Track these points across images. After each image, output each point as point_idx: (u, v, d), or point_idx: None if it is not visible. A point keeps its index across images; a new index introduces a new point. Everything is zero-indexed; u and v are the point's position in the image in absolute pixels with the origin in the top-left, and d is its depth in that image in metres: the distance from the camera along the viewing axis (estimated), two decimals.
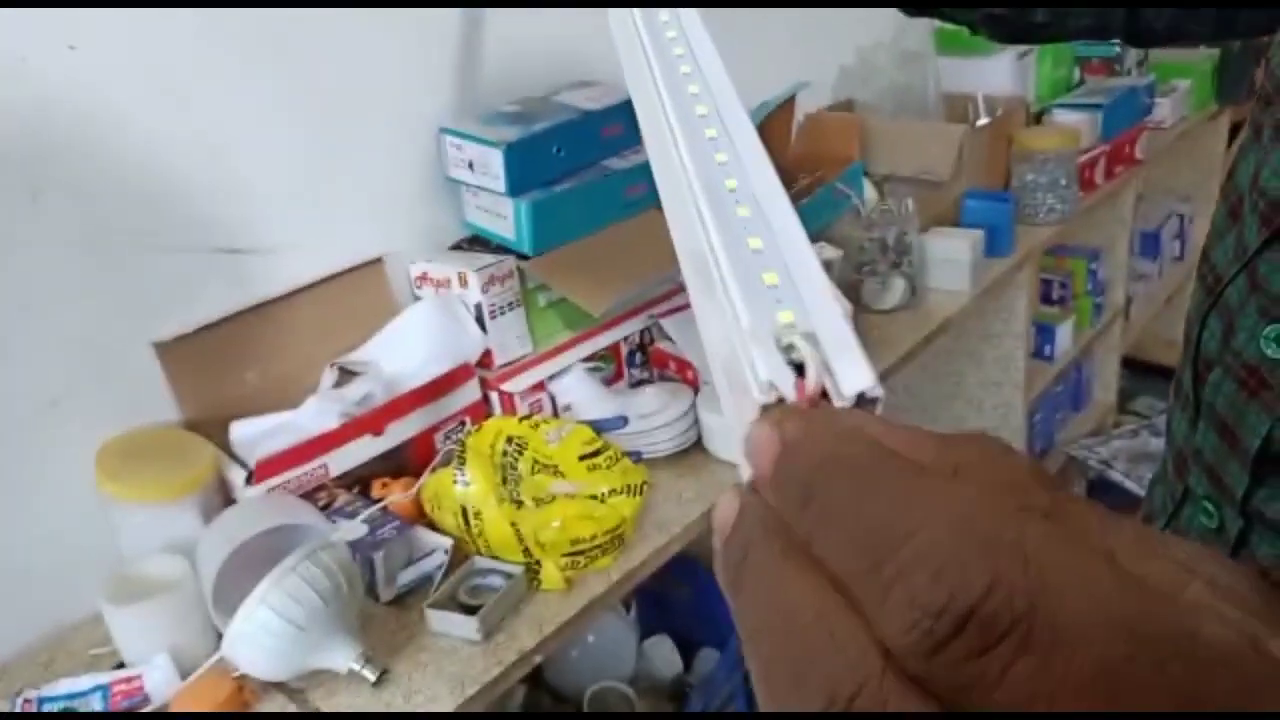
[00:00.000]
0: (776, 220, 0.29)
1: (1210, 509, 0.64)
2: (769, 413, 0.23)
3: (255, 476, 1.12)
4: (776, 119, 1.73)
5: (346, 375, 1.28)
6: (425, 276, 1.38)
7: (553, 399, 1.36)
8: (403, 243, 1.39)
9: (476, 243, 1.42)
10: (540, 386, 1.35)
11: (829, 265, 1.63)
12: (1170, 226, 2.76)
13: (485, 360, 1.35)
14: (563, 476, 1.18)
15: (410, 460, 1.25)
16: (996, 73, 2.09)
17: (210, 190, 1.20)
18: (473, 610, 1.06)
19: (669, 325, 1.44)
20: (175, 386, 1.19)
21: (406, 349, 1.31)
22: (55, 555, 1.12)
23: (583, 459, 1.20)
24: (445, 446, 1.26)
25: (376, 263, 1.36)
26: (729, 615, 0.21)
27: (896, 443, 0.21)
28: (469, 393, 1.30)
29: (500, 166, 1.31)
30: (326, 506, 1.16)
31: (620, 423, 1.29)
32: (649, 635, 1.64)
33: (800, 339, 0.24)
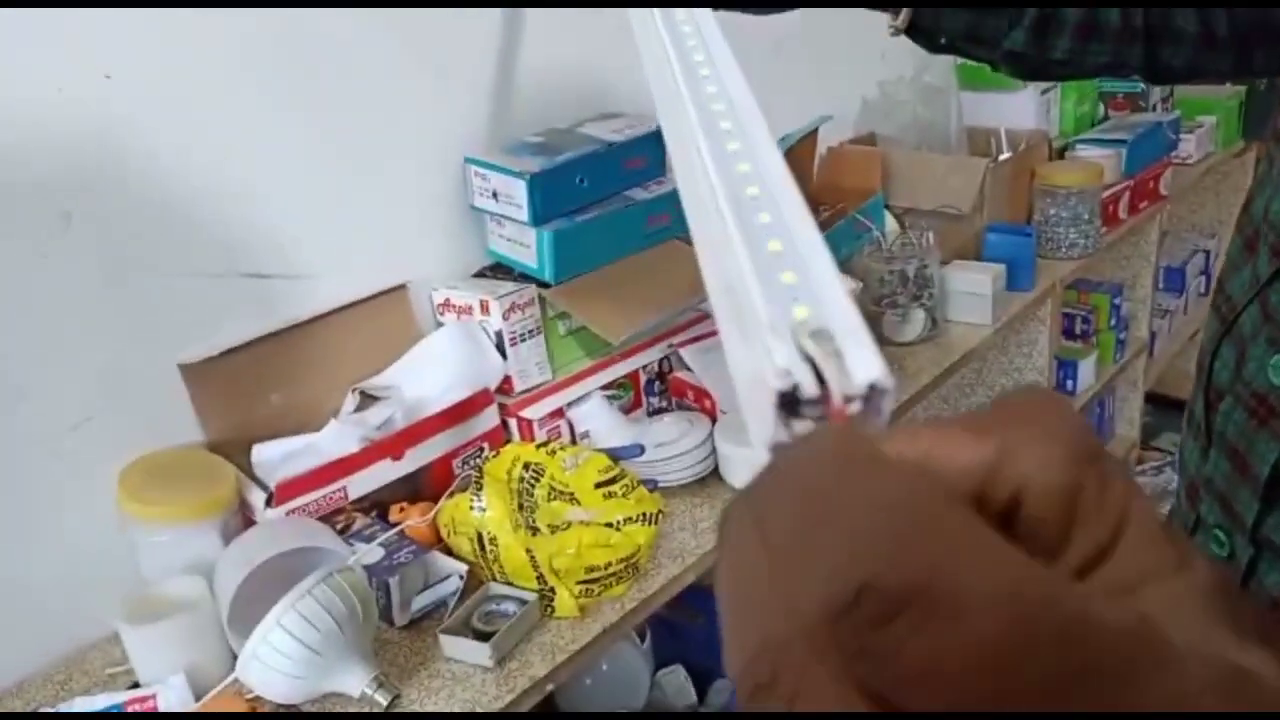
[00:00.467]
0: (795, 226, 0.30)
1: (1221, 537, 0.65)
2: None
3: (275, 499, 1.13)
4: (799, 151, 1.74)
5: (368, 399, 1.29)
6: (448, 303, 1.39)
7: (571, 426, 1.37)
8: (426, 270, 1.41)
9: (499, 270, 1.44)
10: (559, 413, 1.35)
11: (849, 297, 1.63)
12: (1195, 262, 2.75)
13: (505, 386, 1.36)
14: (579, 504, 1.19)
15: (428, 485, 1.26)
16: (1019, 108, 2.09)
17: (237, 216, 1.22)
18: (486, 636, 1.06)
19: (688, 354, 1.45)
20: (200, 408, 1.21)
21: (428, 374, 1.32)
22: (76, 574, 1.14)
23: (599, 486, 1.21)
24: (463, 472, 1.26)
25: (400, 289, 1.38)
26: None
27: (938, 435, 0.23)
28: (488, 419, 1.31)
29: (524, 196, 1.32)
30: (345, 530, 1.17)
31: (637, 451, 1.30)
32: (663, 665, 1.64)
33: (813, 340, 0.24)
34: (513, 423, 1.34)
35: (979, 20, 0.82)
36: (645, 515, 1.18)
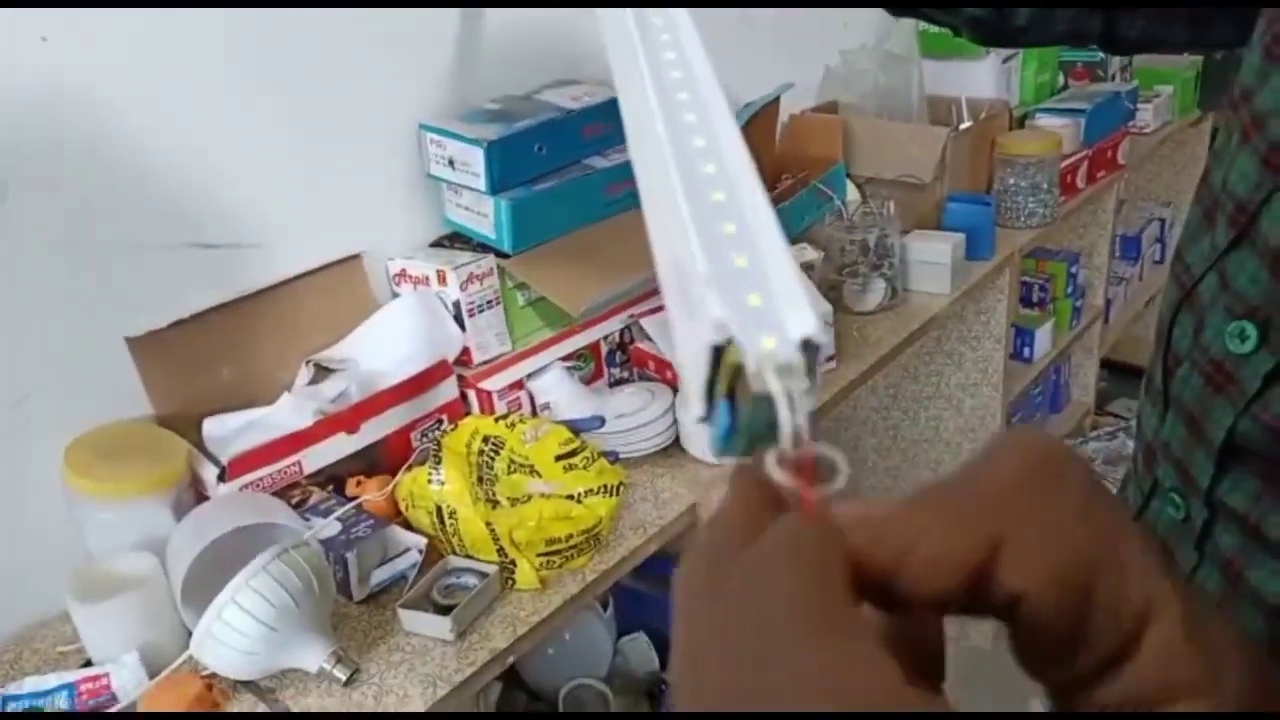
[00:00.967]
0: (740, 184, 0.31)
1: (1177, 500, 0.66)
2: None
3: (228, 473, 1.11)
4: (761, 120, 1.73)
5: (323, 372, 1.27)
6: (404, 273, 1.37)
7: (531, 397, 1.36)
8: (382, 239, 1.38)
9: (457, 240, 1.42)
10: (519, 385, 1.34)
11: (810, 266, 1.63)
12: (1151, 231, 2.77)
13: (464, 358, 1.34)
14: (539, 476, 1.18)
15: (386, 458, 1.24)
16: (980, 77, 2.09)
17: (186, 184, 1.19)
18: (446, 610, 1.05)
19: (649, 325, 1.44)
20: (148, 382, 1.18)
21: (384, 346, 1.30)
22: (23, 553, 1.11)
23: (559, 459, 1.20)
24: (421, 444, 1.25)
25: (355, 259, 1.35)
26: None
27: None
28: (446, 391, 1.29)
29: (481, 164, 1.30)
30: (300, 504, 1.15)
31: (598, 423, 1.29)
32: (626, 633, 1.64)
33: (778, 376, 0.24)
34: (472, 395, 1.32)
35: None
36: (606, 487, 1.17)
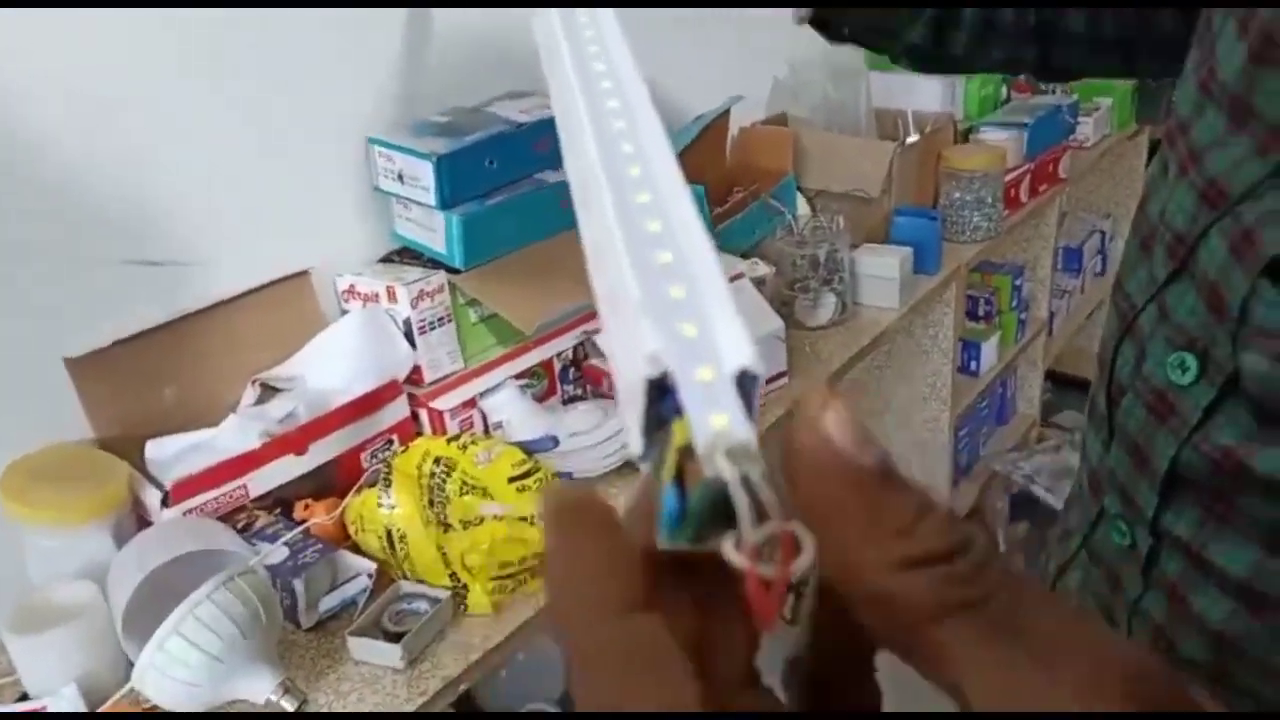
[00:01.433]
0: (676, 212, 0.30)
1: (1123, 528, 0.67)
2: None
3: (171, 498, 1.08)
4: (711, 133, 1.73)
5: (269, 392, 1.25)
6: (353, 290, 1.35)
7: (484, 416, 1.34)
8: (330, 255, 1.36)
9: (406, 255, 1.40)
10: (471, 404, 1.32)
11: (761, 281, 1.63)
12: (1092, 243, 2.82)
13: (414, 377, 1.32)
14: (492, 498, 1.16)
15: (335, 480, 1.22)
16: (926, 90, 2.11)
17: (127, 199, 1.16)
18: (397, 637, 1.03)
19: (603, 341, 1.43)
20: (88, 403, 1.14)
21: (332, 365, 1.28)
22: None
23: (512, 480, 1.18)
24: (372, 465, 1.23)
25: (302, 275, 1.32)
26: None
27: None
28: (397, 410, 1.27)
29: (431, 178, 1.28)
30: (246, 529, 1.13)
31: (550, 444, 1.28)
32: None
33: (729, 460, 0.24)
34: (423, 414, 1.30)
35: (881, 16, 0.86)
36: None
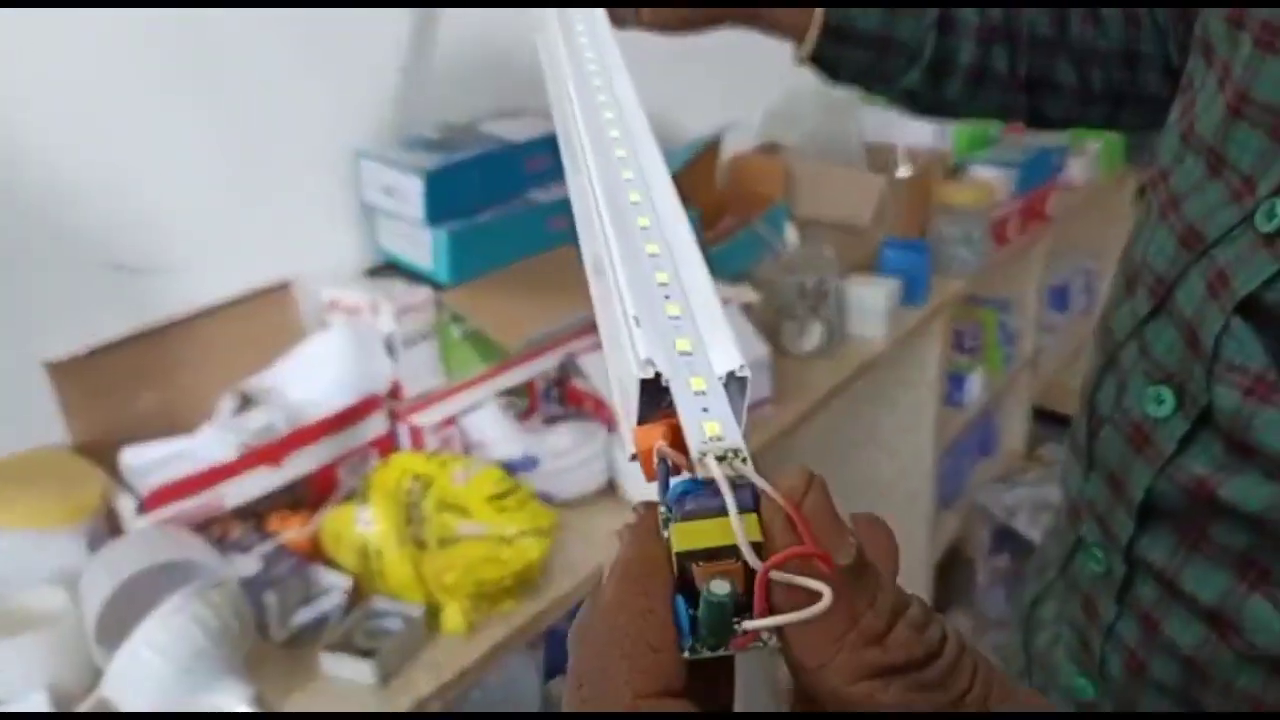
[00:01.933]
0: (670, 232, 0.32)
1: (1099, 555, 0.70)
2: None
3: (145, 506, 1.07)
4: (703, 159, 1.73)
5: (248, 402, 1.24)
6: (336, 303, 1.34)
7: (464, 434, 1.33)
8: (314, 267, 1.35)
9: (391, 270, 1.39)
10: (451, 421, 1.31)
11: (749, 308, 1.63)
12: (1078, 281, 2.84)
13: (395, 392, 1.31)
14: (469, 517, 1.15)
15: (311, 493, 1.21)
16: (918, 125, 2.12)
17: (111, 205, 1.15)
18: (369, 654, 1.02)
19: (585, 363, 1.42)
20: (67, 408, 1.13)
21: (312, 377, 1.27)
22: None
23: (491, 499, 1.17)
24: (349, 480, 1.22)
25: (285, 287, 1.32)
26: None
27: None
28: (376, 425, 1.26)
29: (419, 194, 1.28)
30: (220, 540, 1.11)
31: (531, 464, 1.27)
32: (555, 674, 1.61)
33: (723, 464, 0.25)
34: (403, 430, 1.29)
35: (879, 60, 0.87)
36: (539, 530, 1.15)
